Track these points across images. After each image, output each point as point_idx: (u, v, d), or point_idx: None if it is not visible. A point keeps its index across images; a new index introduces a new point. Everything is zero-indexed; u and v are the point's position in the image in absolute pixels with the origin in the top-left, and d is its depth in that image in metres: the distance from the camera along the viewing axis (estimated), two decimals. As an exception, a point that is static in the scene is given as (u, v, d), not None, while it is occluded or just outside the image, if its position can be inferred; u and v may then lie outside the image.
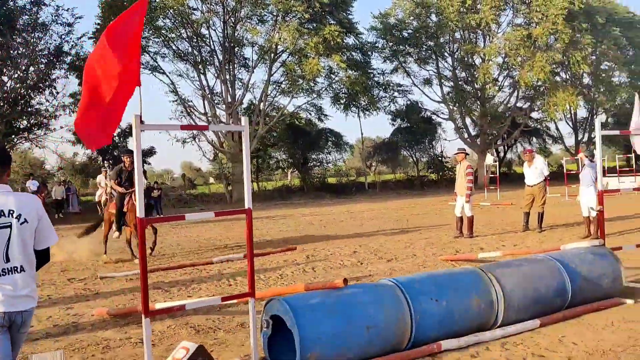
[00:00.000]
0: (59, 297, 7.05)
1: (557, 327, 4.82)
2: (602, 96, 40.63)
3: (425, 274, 5.28)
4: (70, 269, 9.44)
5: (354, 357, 3.96)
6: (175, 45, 30.80)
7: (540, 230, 11.66)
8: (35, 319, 5.95)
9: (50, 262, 9.55)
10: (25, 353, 4.73)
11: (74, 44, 27.88)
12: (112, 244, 10.68)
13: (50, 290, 7.52)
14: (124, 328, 5.45)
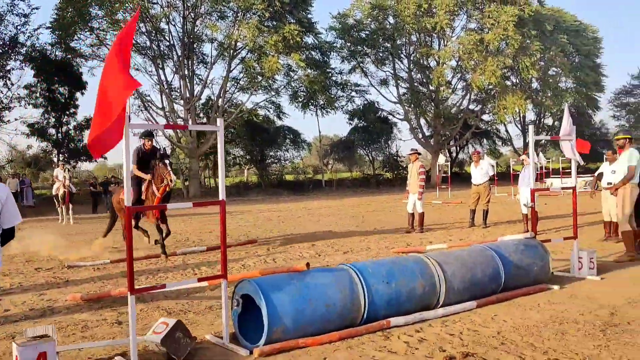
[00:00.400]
0: (30, 284, 7.33)
1: (491, 308, 5.49)
2: (549, 100, 42.38)
3: (378, 260, 5.88)
4: (35, 259, 9.64)
5: (314, 331, 4.50)
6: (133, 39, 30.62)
7: (485, 226, 12.50)
8: (11, 304, 6.28)
9: (12, 254, 9.73)
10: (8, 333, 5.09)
11: (30, 35, 27.47)
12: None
13: (20, 278, 7.77)
14: (99, 311, 5.83)
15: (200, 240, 11.95)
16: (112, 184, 24.87)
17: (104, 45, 30.18)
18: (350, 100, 41.10)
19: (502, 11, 34.70)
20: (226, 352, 4.38)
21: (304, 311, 4.45)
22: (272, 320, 4.28)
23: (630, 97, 62.04)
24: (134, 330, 3.99)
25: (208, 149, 32.91)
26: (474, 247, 6.27)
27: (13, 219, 3.90)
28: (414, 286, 5.11)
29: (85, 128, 31.22)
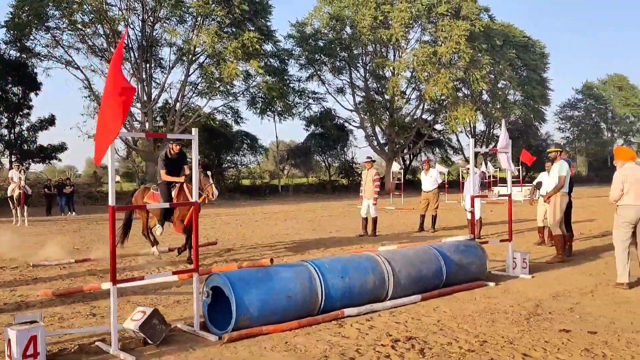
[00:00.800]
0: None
1: (433, 301, 6.16)
2: (498, 112, 44.17)
3: (334, 258, 6.47)
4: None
5: (277, 320, 5.04)
6: (91, 41, 30.42)
7: (434, 231, 13.30)
8: (-16, 299, 6.56)
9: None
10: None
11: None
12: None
13: (-14, 276, 8.00)
14: (72, 305, 6.19)
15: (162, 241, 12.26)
16: (67, 186, 24.69)
17: (61, 45, 29.91)
18: (308, 107, 41.89)
19: (454, 25, 36.14)
20: (197, 338, 4.87)
21: (267, 301, 4.99)
22: (239, 309, 4.80)
23: (575, 111, 65.16)
24: (115, 317, 4.45)
25: (165, 152, 32.85)
26: (420, 247, 6.95)
27: None
28: (366, 281, 5.72)
29: (38, 129, 30.77)
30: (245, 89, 34.38)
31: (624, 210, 6.94)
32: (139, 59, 31.28)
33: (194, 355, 4.44)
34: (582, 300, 6.14)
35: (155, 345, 4.61)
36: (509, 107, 45.11)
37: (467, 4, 37.94)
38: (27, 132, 30.62)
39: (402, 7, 36.35)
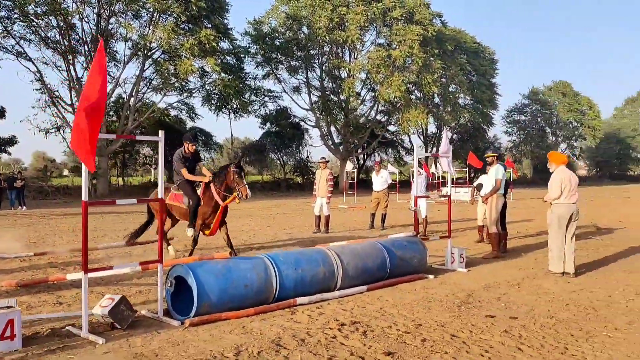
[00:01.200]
0: (-41, 273, 7.76)
1: (378, 291, 6.76)
2: (448, 115, 45.56)
3: (288, 251, 6.98)
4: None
5: (235, 307, 5.52)
6: (43, 32, 29.85)
7: (383, 228, 13.98)
8: (-51, 289, 6.77)
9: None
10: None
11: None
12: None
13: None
14: (37, 295, 6.50)
15: (118, 236, 12.49)
16: (18, 180, 24.31)
17: (12, 36, 29.21)
18: (263, 105, 42.13)
19: (408, 30, 37.13)
20: (161, 323, 5.30)
21: (227, 290, 5.47)
22: (200, 296, 5.26)
23: (521, 115, 67.65)
24: (86, 303, 4.85)
25: (117, 147, 32.63)
26: (367, 242, 7.55)
27: None
28: (317, 272, 6.27)
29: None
30: (201, 85, 34.41)
31: (559, 207, 7.87)
32: (93, 52, 30.85)
33: (158, 337, 4.87)
34: (509, 291, 6.86)
35: (122, 329, 5.03)
36: (458, 110, 46.53)
37: (420, 9, 39.02)
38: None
39: (357, 10, 37.08)
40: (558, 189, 7.90)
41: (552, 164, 8.27)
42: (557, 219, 7.89)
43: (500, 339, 4.89)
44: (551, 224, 7.98)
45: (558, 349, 4.61)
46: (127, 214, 18.71)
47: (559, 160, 8.28)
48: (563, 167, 8.19)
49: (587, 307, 6.01)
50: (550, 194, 7.98)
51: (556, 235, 7.89)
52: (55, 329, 5.04)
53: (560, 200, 7.90)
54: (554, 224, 7.93)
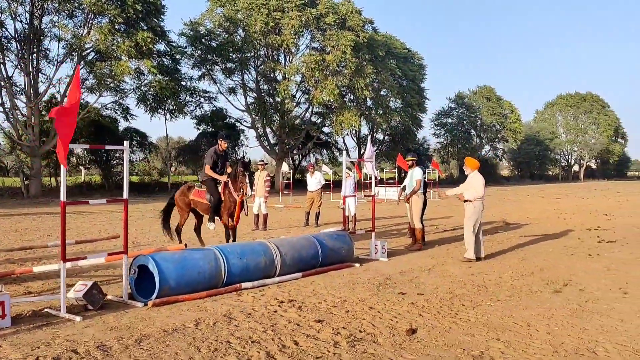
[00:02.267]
0: None
1: (311, 277, 7.89)
2: (380, 118, 47.38)
3: (234, 243, 8.00)
4: None
5: (190, 291, 6.51)
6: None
7: (317, 226, 15.16)
8: None
9: None
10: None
11: None
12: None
13: None
14: (7, 286, 7.19)
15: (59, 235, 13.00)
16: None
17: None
18: (199, 106, 42.44)
19: (341, 36, 38.59)
20: (127, 305, 6.22)
21: (183, 276, 6.45)
22: (161, 282, 6.22)
23: (448, 118, 70.92)
24: (64, 288, 5.72)
25: (51, 147, 32.25)
26: (302, 236, 8.69)
27: None
28: (259, 261, 7.34)
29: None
30: (137, 86, 34.46)
31: (479, 204, 9.43)
32: (25, 51, 30.45)
33: (127, 315, 5.80)
34: (420, 275, 8.18)
35: (95, 310, 5.92)
36: (389, 113, 48.49)
37: (352, 16, 40.59)
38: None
39: (292, 15, 38.18)
40: (483, 188, 9.40)
41: (468, 168, 9.80)
42: (478, 214, 9.41)
43: (407, 308, 6.14)
44: (471, 218, 9.46)
45: (450, 314, 5.90)
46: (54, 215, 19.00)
47: (474, 165, 9.82)
48: (476, 171, 9.70)
49: (479, 286, 7.40)
50: (478, 193, 9.41)
51: (474, 228, 9.36)
52: (35, 311, 5.87)
53: (480, 198, 9.36)
54: (473, 218, 9.43)
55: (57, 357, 4.49)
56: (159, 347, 4.77)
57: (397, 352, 4.69)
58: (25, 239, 12.52)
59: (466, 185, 9.75)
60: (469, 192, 9.58)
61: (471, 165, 9.83)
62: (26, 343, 4.86)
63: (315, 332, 5.25)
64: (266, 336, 5.11)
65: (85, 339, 4.95)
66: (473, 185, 9.61)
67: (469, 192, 9.58)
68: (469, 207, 9.57)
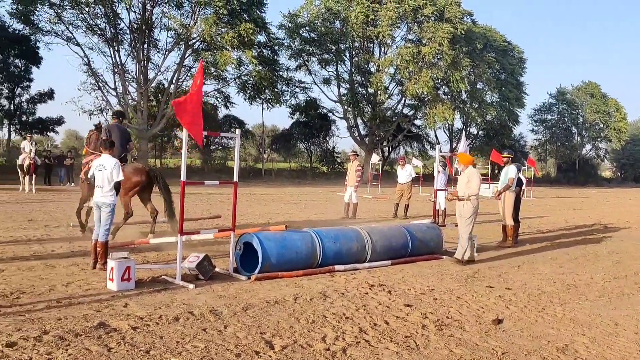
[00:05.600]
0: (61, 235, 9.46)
1: (400, 266, 8.23)
2: (475, 112, 46.38)
3: (329, 228, 8.48)
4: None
5: (288, 268, 7.06)
6: (92, 20, 31.67)
7: (405, 218, 15.39)
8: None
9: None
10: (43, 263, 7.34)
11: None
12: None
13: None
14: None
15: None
16: (67, 158, 26.24)
17: (62, 22, 31.10)
18: (294, 96, 43.56)
19: (438, 27, 38.13)
20: (232, 277, 6.87)
21: (283, 254, 7.01)
22: (264, 258, 6.81)
23: (548, 114, 67.94)
24: (180, 258, 6.43)
25: (157, 131, 34.50)
26: (393, 225, 9.03)
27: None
28: (351, 246, 7.77)
29: (38, 102, 32.06)
30: (238, 76, 35.95)
31: (476, 202, 8.81)
32: (137, 41, 32.68)
33: (233, 286, 6.44)
34: (510, 271, 8.28)
35: (205, 280, 6.60)
36: (485, 107, 47.34)
37: (451, 7, 39.95)
38: (26, 104, 31.88)
39: (390, 7, 38.20)
40: (479, 185, 8.82)
41: (461, 164, 9.11)
42: (475, 211, 8.77)
43: (495, 300, 6.34)
44: (469, 216, 8.73)
45: (537, 309, 6.05)
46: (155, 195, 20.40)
47: (467, 160, 9.11)
48: (471, 167, 9.06)
49: (569, 285, 7.42)
50: (475, 189, 8.78)
51: (470, 226, 8.70)
52: (154, 277, 6.65)
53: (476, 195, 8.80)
54: (470, 216, 8.72)
55: (176, 316, 5.15)
56: (263, 316, 5.32)
57: (483, 338, 4.95)
58: (136, 215, 13.71)
59: (463, 182, 9.01)
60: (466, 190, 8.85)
61: (464, 161, 9.12)
62: (149, 303, 5.58)
63: (404, 314, 5.61)
64: (358, 314, 5.53)
65: (199, 304, 5.61)
66: (471, 181, 8.88)
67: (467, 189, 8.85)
68: (467, 206, 8.79)
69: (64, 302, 5.44)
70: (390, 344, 4.68)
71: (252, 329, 4.88)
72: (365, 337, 4.82)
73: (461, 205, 8.84)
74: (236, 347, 4.41)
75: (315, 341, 4.66)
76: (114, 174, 6.86)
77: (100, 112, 34.22)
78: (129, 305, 5.49)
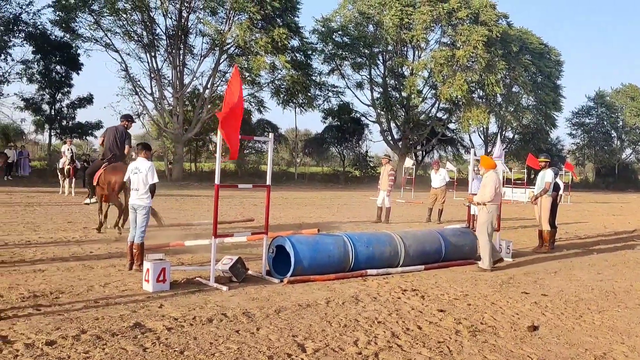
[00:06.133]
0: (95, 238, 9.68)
1: (434, 271, 8.15)
2: (510, 115, 45.64)
3: (361, 232, 8.49)
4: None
5: (320, 272, 7.07)
6: (129, 26, 32.38)
7: (439, 223, 15.23)
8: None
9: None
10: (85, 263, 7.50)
11: (34, 14, 29.05)
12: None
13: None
14: (162, 256, 8.26)
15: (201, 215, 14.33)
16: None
17: (101, 28, 31.87)
18: (327, 100, 43.57)
19: (473, 30, 37.70)
20: (265, 280, 6.91)
21: (315, 258, 7.03)
22: (296, 261, 6.84)
23: (586, 118, 66.35)
24: (214, 260, 6.51)
25: (193, 135, 35.01)
26: (426, 229, 8.96)
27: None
28: (384, 250, 7.74)
29: (77, 107, 32.91)
30: (271, 80, 36.18)
31: (492, 208, 8.57)
32: (173, 47, 33.26)
33: (265, 289, 6.48)
34: (546, 277, 8.12)
35: (238, 282, 6.67)
36: (521, 111, 46.58)
37: (486, 10, 39.47)
38: (66, 109, 32.74)
39: (424, 10, 37.97)
40: (494, 190, 8.54)
41: (482, 167, 8.88)
42: (492, 218, 8.51)
43: (530, 307, 6.23)
44: (485, 223, 8.47)
45: (574, 316, 5.91)
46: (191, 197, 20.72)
47: (489, 164, 8.87)
48: (492, 171, 8.80)
49: (608, 292, 7.23)
50: (487, 195, 8.54)
51: (487, 233, 8.42)
52: (189, 279, 6.75)
53: (494, 201, 8.56)
54: (488, 222, 8.46)
55: (210, 318, 5.21)
56: (295, 318, 5.34)
57: (518, 345, 4.86)
58: (171, 217, 13.96)
59: (481, 186, 8.82)
60: (479, 195, 8.72)
61: (486, 165, 8.91)
62: (183, 304, 5.66)
63: (437, 319, 5.56)
64: (391, 319, 5.50)
65: (232, 306, 5.67)
66: (486, 186, 8.64)
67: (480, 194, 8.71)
68: (482, 212, 8.59)
69: (101, 302, 5.56)
70: (422, 349, 4.65)
71: (285, 332, 4.91)
72: (398, 342, 4.79)
73: (478, 210, 8.74)
74: (268, 349, 4.44)
75: (347, 345, 4.66)
76: (149, 176, 7.01)
77: (137, 117, 34.91)
78: (164, 306, 5.58)
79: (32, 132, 36.31)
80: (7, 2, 27.83)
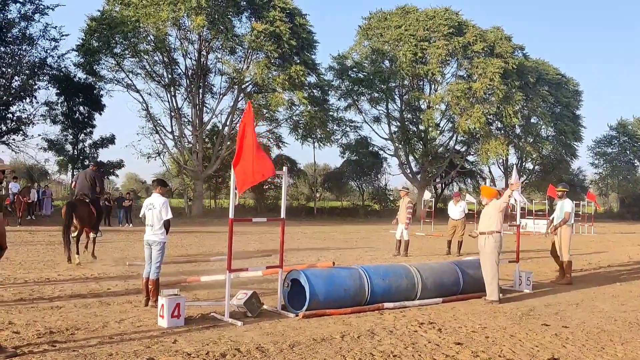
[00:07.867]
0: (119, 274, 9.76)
1: (452, 303, 8.02)
2: (529, 146, 45.34)
3: (378, 265, 8.43)
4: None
5: (336, 306, 7.01)
6: (150, 67, 33.20)
7: (459, 255, 15.05)
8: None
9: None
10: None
11: (58, 58, 29.96)
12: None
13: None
14: (178, 292, 8.27)
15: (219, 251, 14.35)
16: (126, 200, 27.15)
17: (122, 70, 32.71)
18: (345, 135, 43.85)
19: (489, 63, 37.92)
20: (280, 315, 6.87)
21: (330, 292, 6.98)
22: (311, 295, 6.80)
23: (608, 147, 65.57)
24: (229, 295, 6.51)
25: (212, 172, 35.36)
26: (443, 261, 8.86)
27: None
28: (401, 283, 7.66)
29: (100, 147, 33.57)
30: (289, 116, 36.59)
31: (499, 237, 8.37)
32: (193, 86, 33.95)
33: (280, 324, 6.44)
34: (567, 309, 7.94)
35: (253, 317, 6.64)
36: (540, 142, 46.29)
37: (501, 42, 39.74)
38: (88, 148, 33.43)
39: (439, 44, 38.35)
40: (499, 220, 8.38)
41: (485, 197, 8.77)
42: (497, 247, 8.31)
43: (550, 339, 6.08)
44: (493, 253, 8.29)
45: (596, 348, 5.75)
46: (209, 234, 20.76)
47: (491, 194, 8.77)
48: (495, 200, 8.65)
49: (631, 323, 7.03)
50: (498, 225, 8.38)
51: (493, 262, 8.25)
52: (203, 314, 6.74)
53: (499, 231, 8.38)
54: (495, 253, 8.29)
55: (223, 353, 5.19)
56: (309, 353, 5.28)
57: (537, 378, 4.74)
58: (189, 254, 14.02)
59: (484, 216, 8.61)
60: (484, 224, 8.47)
61: (487, 194, 8.78)
62: (197, 340, 5.64)
63: (454, 352, 5.45)
64: (407, 352, 5.41)
65: (246, 341, 5.63)
66: (492, 216, 8.46)
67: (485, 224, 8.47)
68: (489, 241, 8.34)
69: (116, 338, 5.57)
70: (438, 383, 4.55)
71: (298, 366, 4.86)
72: (413, 376, 4.70)
73: (482, 239, 8.45)
74: (281, 384, 4.39)
75: (361, 379, 4.58)
76: (163, 212, 7.07)
77: (157, 155, 35.49)
78: (177, 341, 5.57)
79: (56, 172, 37.19)
80: (33, 47, 28.71)
